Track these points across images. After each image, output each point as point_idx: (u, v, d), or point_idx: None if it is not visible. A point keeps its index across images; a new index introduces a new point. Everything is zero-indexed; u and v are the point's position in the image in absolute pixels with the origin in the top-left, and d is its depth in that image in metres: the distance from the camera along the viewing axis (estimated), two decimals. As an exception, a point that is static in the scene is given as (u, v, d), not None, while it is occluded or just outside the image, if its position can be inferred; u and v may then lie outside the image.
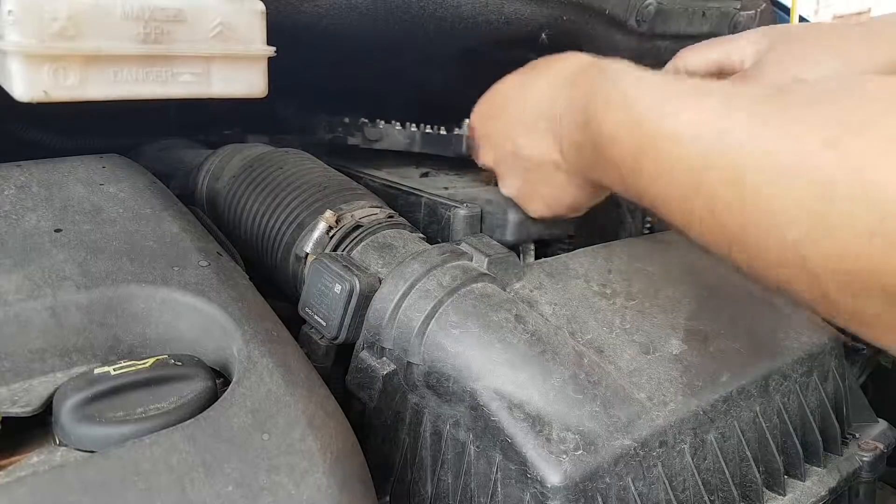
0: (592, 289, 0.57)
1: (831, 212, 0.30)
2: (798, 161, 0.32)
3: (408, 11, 0.72)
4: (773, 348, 0.57)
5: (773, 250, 0.33)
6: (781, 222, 0.32)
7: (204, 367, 0.39)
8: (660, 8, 0.92)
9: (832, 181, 0.30)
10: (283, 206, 0.65)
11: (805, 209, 0.31)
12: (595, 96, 0.46)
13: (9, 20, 0.39)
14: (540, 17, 0.82)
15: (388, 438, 0.52)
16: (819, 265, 0.31)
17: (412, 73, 0.99)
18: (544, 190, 0.57)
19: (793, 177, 0.32)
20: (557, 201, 0.57)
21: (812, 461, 0.58)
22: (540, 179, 0.56)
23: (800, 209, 0.31)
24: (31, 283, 0.40)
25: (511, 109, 0.57)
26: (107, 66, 0.42)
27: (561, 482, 0.41)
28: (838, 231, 0.30)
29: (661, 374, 0.50)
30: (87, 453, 0.34)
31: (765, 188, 0.33)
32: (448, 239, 0.65)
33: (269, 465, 0.33)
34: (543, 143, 0.54)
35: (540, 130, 0.54)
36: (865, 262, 0.29)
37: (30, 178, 0.50)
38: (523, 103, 0.55)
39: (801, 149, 0.32)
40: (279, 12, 0.65)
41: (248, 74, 0.47)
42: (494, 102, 0.60)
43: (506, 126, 0.58)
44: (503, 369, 0.46)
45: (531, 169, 0.56)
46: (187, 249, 0.46)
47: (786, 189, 0.32)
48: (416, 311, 0.50)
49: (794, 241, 0.32)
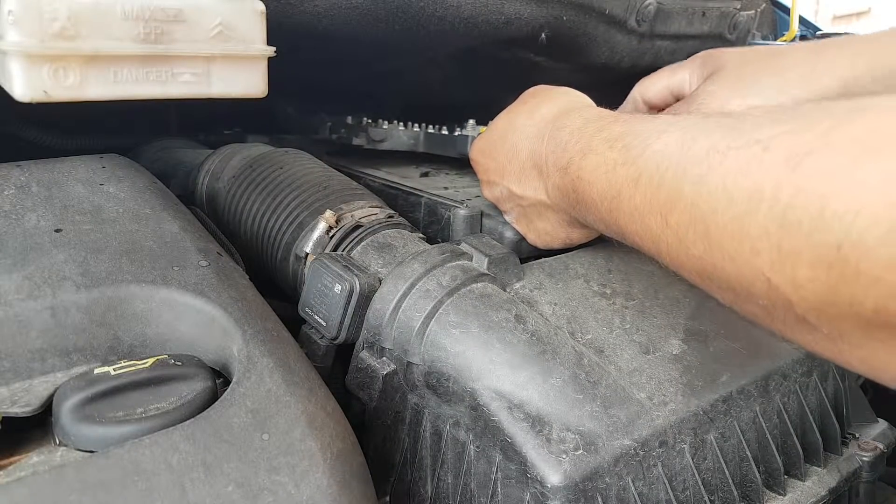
0: (592, 289, 0.57)
1: (793, 238, 0.30)
2: (757, 189, 0.31)
3: (408, 11, 0.72)
4: (773, 348, 0.57)
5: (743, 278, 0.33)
6: (746, 250, 0.32)
7: (204, 367, 0.39)
8: (660, 8, 0.92)
9: (791, 206, 0.30)
10: (283, 206, 0.65)
11: (768, 236, 0.31)
12: (574, 142, 0.48)
13: (9, 20, 0.39)
14: (540, 17, 0.82)
15: (388, 438, 0.52)
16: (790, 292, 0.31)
17: (412, 73, 1.00)
18: (539, 225, 0.59)
19: (755, 204, 0.32)
20: (551, 236, 0.59)
21: (812, 461, 0.58)
22: (534, 216, 0.58)
23: (763, 237, 0.31)
24: (31, 283, 0.40)
25: (504, 148, 0.59)
26: (107, 66, 0.42)
27: (561, 482, 0.41)
28: (801, 258, 0.30)
29: (661, 374, 0.50)
30: (87, 453, 0.34)
31: (728, 218, 0.33)
32: (448, 239, 0.65)
33: (269, 465, 0.33)
34: (532, 184, 0.56)
35: (529, 171, 0.56)
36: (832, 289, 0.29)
37: (30, 178, 0.50)
38: (514, 143, 0.57)
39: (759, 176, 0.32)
40: (279, 12, 0.65)
41: (248, 74, 0.47)
42: (490, 140, 0.61)
43: (499, 165, 0.59)
44: (503, 369, 0.46)
45: (525, 206, 0.58)
46: (187, 249, 0.46)
47: (749, 217, 0.32)
48: (416, 311, 0.50)
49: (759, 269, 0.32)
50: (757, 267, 0.32)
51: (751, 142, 0.33)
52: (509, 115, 0.60)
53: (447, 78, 1.00)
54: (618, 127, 0.45)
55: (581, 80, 1.02)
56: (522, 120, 0.57)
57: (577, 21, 0.86)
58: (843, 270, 0.28)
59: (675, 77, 0.68)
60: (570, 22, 0.85)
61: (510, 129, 0.58)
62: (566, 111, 0.53)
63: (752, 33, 1.11)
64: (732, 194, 0.33)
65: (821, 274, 0.29)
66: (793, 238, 0.30)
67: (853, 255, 0.27)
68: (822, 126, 0.30)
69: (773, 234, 0.31)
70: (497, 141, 0.60)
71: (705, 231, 0.34)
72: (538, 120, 0.55)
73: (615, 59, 0.96)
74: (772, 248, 0.31)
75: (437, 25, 0.76)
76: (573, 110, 0.53)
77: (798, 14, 1.14)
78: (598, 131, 0.46)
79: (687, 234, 0.36)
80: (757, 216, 0.31)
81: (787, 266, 0.30)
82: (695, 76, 0.66)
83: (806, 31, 1.23)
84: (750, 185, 0.32)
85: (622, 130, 0.44)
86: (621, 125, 0.45)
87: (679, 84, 0.67)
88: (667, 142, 0.39)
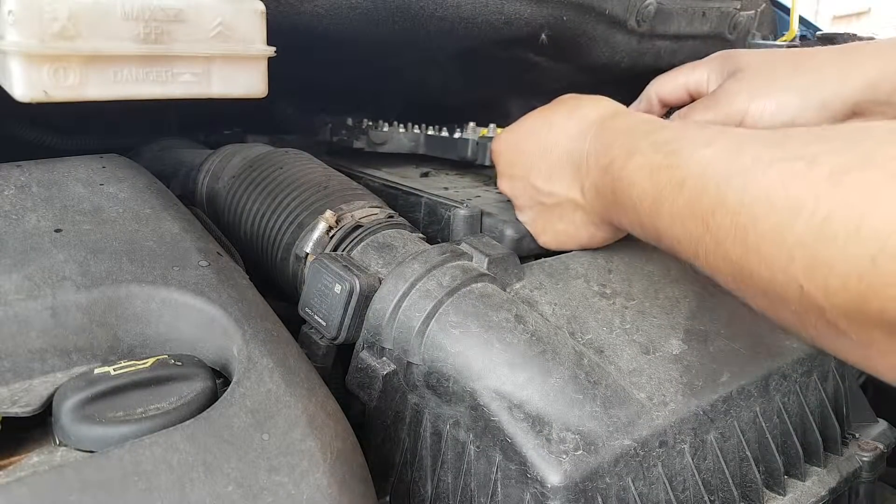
0: (592, 289, 0.57)
1: (829, 249, 0.32)
2: (798, 201, 0.33)
3: (408, 11, 0.72)
4: (773, 348, 0.57)
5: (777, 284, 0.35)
6: (783, 257, 0.34)
7: (204, 367, 0.39)
8: (660, 8, 0.92)
9: (829, 220, 0.32)
10: (283, 206, 0.65)
11: (804, 245, 0.33)
12: (620, 143, 0.49)
13: (9, 20, 0.39)
14: (540, 18, 0.82)
15: (388, 438, 0.52)
16: (822, 299, 0.33)
17: (412, 73, 1.00)
18: (559, 226, 0.59)
19: (794, 215, 0.33)
20: (570, 238, 0.59)
21: (812, 461, 0.58)
22: (557, 215, 0.58)
23: (799, 245, 0.33)
24: (31, 283, 0.40)
25: (537, 143, 0.58)
26: (107, 66, 0.42)
27: (561, 482, 0.41)
28: (835, 267, 0.31)
29: (661, 374, 0.50)
30: (87, 453, 0.34)
31: (767, 226, 0.35)
32: (448, 239, 0.65)
33: (269, 465, 0.33)
34: (565, 181, 0.56)
35: (564, 168, 0.56)
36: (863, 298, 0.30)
37: (30, 178, 0.50)
38: (549, 139, 0.57)
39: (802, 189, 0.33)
40: (279, 12, 0.65)
41: (248, 74, 0.47)
42: (520, 134, 0.61)
43: (530, 159, 0.59)
44: (503, 369, 0.46)
45: (549, 205, 0.58)
46: (187, 249, 0.46)
47: (788, 226, 0.34)
48: (416, 311, 0.50)
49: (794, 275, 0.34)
50: (791, 273, 0.34)
51: (796, 156, 0.35)
52: (544, 113, 0.60)
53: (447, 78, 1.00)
54: (666, 132, 0.46)
55: (581, 80, 1.02)
56: (561, 118, 0.57)
57: (578, 21, 0.86)
58: (874, 281, 0.30)
59: (693, 76, 0.68)
60: (571, 22, 0.85)
61: (545, 125, 0.58)
62: (612, 114, 0.54)
63: (752, 33, 1.11)
64: (774, 204, 0.34)
65: (853, 283, 0.31)
66: (828, 248, 0.32)
67: (887, 268, 0.29)
68: (863, 147, 0.32)
69: (809, 243, 0.32)
70: (528, 136, 0.60)
71: (744, 237, 0.36)
72: (579, 119, 0.56)
73: (615, 59, 0.96)
74: (806, 256, 0.33)
75: (437, 25, 0.76)
76: (619, 114, 0.54)
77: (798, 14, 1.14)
78: (645, 134, 0.47)
79: (726, 239, 0.38)
80: (795, 226, 0.33)
81: (821, 274, 0.32)
82: (714, 76, 0.66)
83: (806, 31, 1.23)
84: (792, 196, 0.34)
85: (671, 136, 0.45)
86: (670, 131, 0.46)
87: (696, 83, 0.68)
88: (715, 150, 0.40)
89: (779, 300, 0.36)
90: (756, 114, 0.60)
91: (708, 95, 0.65)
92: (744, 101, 0.61)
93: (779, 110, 0.59)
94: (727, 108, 0.61)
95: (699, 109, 0.64)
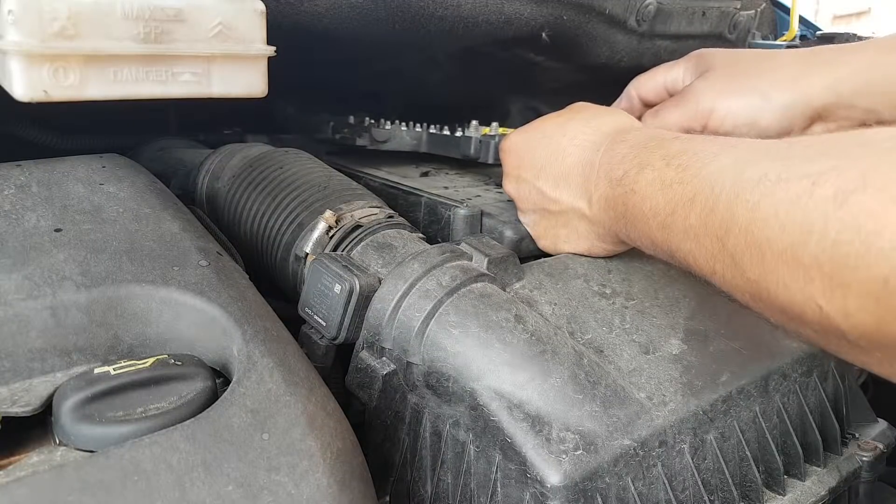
0: (592, 289, 0.57)
1: (842, 271, 0.31)
2: (808, 222, 0.33)
3: (408, 11, 0.72)
4: (773, 348, 0.57)
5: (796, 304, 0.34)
6: (800, 277, 0.33)
7: (204, 367, 0.39)
8: (660, 8, 0.92)
9: (839, 242, 0.31)
10: (283, 206, 0.65)
11: (819, 266, 0.32)
12: (633, 156, 0.49)
13: (9, 20, 0.39)
14: (540, 17, 0.82)
15: (388, 438, 0.52)
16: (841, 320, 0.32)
17: (412, 72, 1.00)
18: (562, 232, 0.59)
19: (806, 236, 0.33)
20: (571, 246, 0.59)
21: (812, 461, 0.58)
22: (560, 222, 0.58)
23: (815, 266, 0.32)
24: (31, 283, 0.40)
25: (549, 148, 0.58)
26: (107, 65, 0.42)
27: (561, 482, 0.41)
28: (850, 289, 0.31)
29: (661, 374, 0.50)
30: (87, 453, 0.34)
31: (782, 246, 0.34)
32: (448, 239, 0.65)
33: (269, 464, 0.33)
34: (573, 190, 0.56)
35: (573, 177, 0.56)
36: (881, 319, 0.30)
37: (30, 178, 0.50)
38: (562, 146, 0.57)
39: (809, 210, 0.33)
40: (279, 12, 0.65)
41: (248, 74, 0.47)
42: (532, 137, 0.61)
43: (539, 162, 0.59)
44: (503, 369, 0.46)
45: (554, 211, 0.58)
46: (187, 249, 0.46)
47: (802, 247, 0.33)
48: (415, 311, 0.50)
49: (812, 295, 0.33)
50: (809, 294, 0.33)
51: (800, 175, 0.34)
52: (560, 118, 0.60)
53: (447, 77, 1.00)
54: (677, 145, 0.45)
55: (581, 80, 1.02)
56: (576, 126, 0.57)
57: (578, 21, 0.86)
58: (890, 303, 0.29)
59: (670, 74, 0.69)
60: (571, 22, 0.85)
61: (559, 132, 0.58)
62: (627, 127, 0.54)
63: (752, 33, 1.11)
64: (785, 224, 0.34)
65: (869, 305, 0.30)
66: (842, 271, 0.31)
67: None
68: (864, 163, 0.32)
69: (824, 264, 0.32)
70: (540, 139, 0.59)
71: (761, 257, 0.36)
72: (594, 130, 0.56)
73: (615, 59, 0.96)
74: (823, 277, 0.32)
75: (437, 25, 0.76)
76: (634, 128, 0.54)
77: (798, 14, 1.14)
78: (657, 147, 0.47)
79: (743, 258, 0.37)
80: (808, 247, 0.32)
81: (838, 296, 0.31)
82: (688, 74, 0.67)
83: (806, 31, 1.23)
84: (801, 217, 0.33)
85: (680, 149, 0.44)
86: (680, 143, 0.45)
87: (673, 81, 0.68)
88: (721, 165, 0.40)
89: (798, 320, 0.35)
90: (722, 113, 0.61)
91: (678, 94, 0.66)
92: (710, 100, 0.61)
93: (742, 111, 0.60)
94: (695, 106, 0.62)
95: (669, 107, 0.65)
